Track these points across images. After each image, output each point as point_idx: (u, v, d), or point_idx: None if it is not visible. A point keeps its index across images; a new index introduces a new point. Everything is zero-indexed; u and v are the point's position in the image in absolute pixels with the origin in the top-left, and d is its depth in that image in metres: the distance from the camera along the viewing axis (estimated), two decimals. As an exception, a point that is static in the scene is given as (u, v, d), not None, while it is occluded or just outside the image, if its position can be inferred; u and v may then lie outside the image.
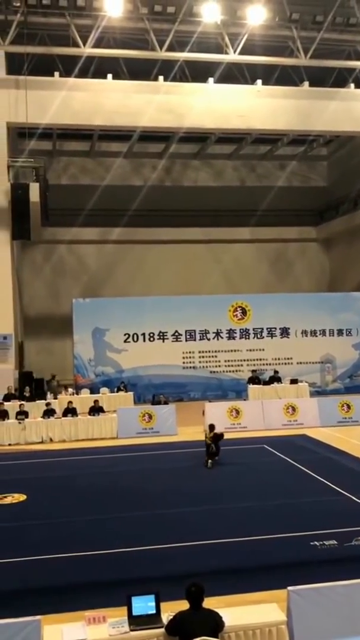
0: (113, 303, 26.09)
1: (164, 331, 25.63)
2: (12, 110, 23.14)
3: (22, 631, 5.58)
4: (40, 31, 23.41)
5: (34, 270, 30.07)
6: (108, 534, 10.02)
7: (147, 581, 7.68)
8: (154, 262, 29.94)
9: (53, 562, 8.86)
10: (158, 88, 24.37)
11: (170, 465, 14.77)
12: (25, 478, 13.93)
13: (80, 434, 18.43)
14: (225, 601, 6.80)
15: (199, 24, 22.81)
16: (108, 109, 23.90)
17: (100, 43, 23.44)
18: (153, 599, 5.96)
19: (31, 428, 18.24)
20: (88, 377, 25.03)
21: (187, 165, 32.15)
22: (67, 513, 11.26)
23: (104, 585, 8.00)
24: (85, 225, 28.78)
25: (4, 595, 7.78)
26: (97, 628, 5.85)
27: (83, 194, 28.99)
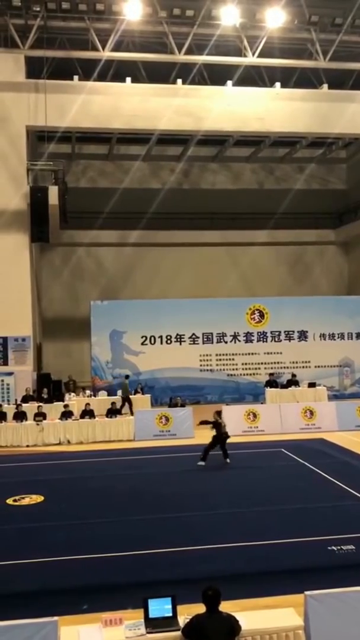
0: (130, 305, 26.16)
1: (181, 334, 25.65)
2: (31, 113, 23.32)
3: (39, 632, 5.60)
4: (60, 35, 23.58)
5: (52, 273, 30.24)
6: (124, 536, 10.03)
7: (162, 584, 7.68)
8: (171, 265, 29.96)
9: (70, 564, 8.90)
10: (176, 91, 24.41)
11: (187, 468, 14.75)
12: (43, 479, 14.01)
13: (98, 435, 18.50)
14: (241, 605, 6.77)
15: (218, 27, 22.81)
16: (127, 112, 23.99)
17: (119, 47, 23.55)
18: (169, 602, 5.95)
19: (49, 430, 18.34)
20: (105, 379, 25.11)
21: (205, 168, 32.14)
22: (84, 515, 11.29)
23: (121, 587, 8.01)
24: (103, 228, 28.89)
25: (22, 596, 7.82)
26: (114, 630, 5.85)
27: (101, 197, 29.10)
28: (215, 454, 14.97)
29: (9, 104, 23.55)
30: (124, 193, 29.65)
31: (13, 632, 5.57)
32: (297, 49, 24.61)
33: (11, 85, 23.37)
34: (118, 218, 28.64)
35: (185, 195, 31.10)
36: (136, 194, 29.88)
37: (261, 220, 30.11)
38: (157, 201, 29.34)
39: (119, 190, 29.75)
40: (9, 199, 23.63)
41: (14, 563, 8.93)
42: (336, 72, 25.36)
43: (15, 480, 14.04)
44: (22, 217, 23.68)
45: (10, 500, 12.19)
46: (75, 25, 22.98)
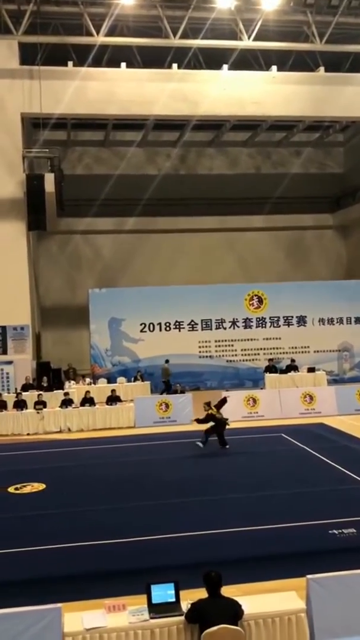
0: (129, 293, 26.12)
1: (180, 320, 25.64)
2: (26, 100, 23.15)
3: (43, 619, 5.63)
4: (54, 20, 23.35)
5: (50, 261, 30.15)
6: (126, 522, 10.07)
7: (164, 570, 7.73)
8: (169, 252, 29.89)
9: (73, 551, 8.94)
10: (172, 76, 24.22)
11: (187, 454, 14.79)
12: (44, 467, 14.04)
13: (98, 423, 18.55)
14: (243, 589, 6.81)
15: (213, 10, 22.60)
16: (122, 98, 23.82)
17: (113, 31, 23.34)
18: (172, 587, 5.97)
19: (49, 418, 18.38)
20: (105, 367, 25.13)
21: (201, 153, 31.96)
22: (86, 502, 11.34)
23: (123, 573, 8.06)
24: (100, 215, 28.78)
25: (25, 583, 7.87)
26: (117, 616, 5.88)
27: (98, 184, 28.95)
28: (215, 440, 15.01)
29: (3, 91, 23.37)
30: (121, 179, 29.51)
31: (16, 619, 5.61)
32: (293, 31, 24.40)
33: (5, 72, 23.18)
34: (115, 205, 28.54)
35: (182, 181, 30.96)
36: (133, 180, 29.74)
37: (259, 205, 30.02)
38: (154, 187, 29.21)
39: (115, 176, 29.62)
40: (4, 187, 23.52)
41: (17, 551, 8.97)
42: (333, 55, 25.18)
43: (16, 468, 14.09)
44: (18, 206, 23.57)
45: (12, 489, 12.24)
46: (68, 10, 22.76)
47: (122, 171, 30.25)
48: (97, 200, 28.33)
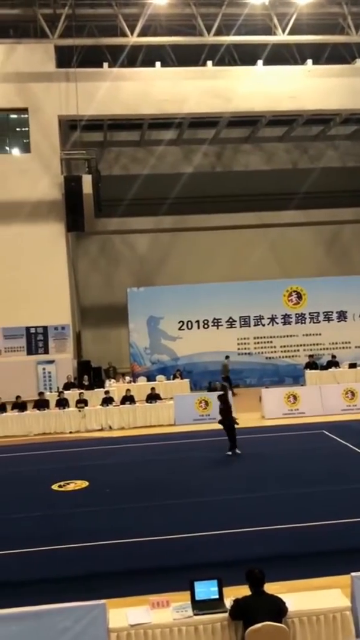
0: (167, 291, 26.21)
1: (218, 318, 25.61)
2: (63, 103, 23.43)
3: (88, 614, 5.71)
4: (88, 23, 23.56)
5: (88, 261, 30.45)
6: (169, 519, 10.14)
7: (207, 566, 7.75)
8: (206, 249, 29.85)
9: (116, 547, 9.04)
10: (206, 73, 24.21)
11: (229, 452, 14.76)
12: (86, 465, 14.22)
13: (139, 421, 18.67)
14: (287, 586, 6.80)
15: (246, 6, 22.48)
16: (157, 97, 23.90)
17: (147, 31, 23.43)
18: (216, 584, 6.00)
19: (91, 416, 18.60)
20: (144, 365, 25.29)
21: (237, 150, 31.80)
22: (129, 499, 11.45)
23: (166, 570, 8.12)
24: (137, 214, 28.91)
25: (70, 580, 8.00)
26: (161, 612, 5.93)
27: (134, 184, 29.09)
28: (260, 438, 14.93)
29: (41, 94, 23.69)
30: (157, 179, 29.60)
31: (63, 614, 5.70)
32: (328, 24, 24.10)
33: (42, 75, 23.49)
34: (151, 204, 28.63)
35: (219, 178, 30.87)
36: (169, 178, 29.77)
37: (297, 200, 29.73)
38: (190, 185, 29.20)
39: (151, 176, 29.72)
40: (44, 189, 23.85)
41: (62, 548, 9.11)
42: (369, 46, 24.79)
43: (59, 466, 14.30)
44: (57, 207, 23.88)
45: (56, 486, 12.43)
46: (103, 12, 22.95)
47: (158, 170, 30.35)
48: (133, 200, 28.47)
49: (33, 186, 23.73)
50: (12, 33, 24.27)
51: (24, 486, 12.78)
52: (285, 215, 29.97)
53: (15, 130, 25.30)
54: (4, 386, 20.64)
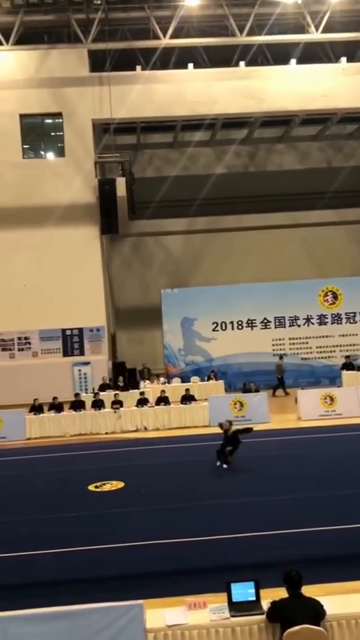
0: (200, 292, 26.21)
1: (253, 319, 25.51)
2: (96, 107, 23.66)
3: (125, 614, 5.74)
4: (121, 26, 23.75)
5: (122, 263, 30.64)
6: (205, 520, 10.13)
7: (243, 568, 7.72)
8: (240, 250, 29.75)
9: (153, 548, 9.07)
10: (239, 73, 24.16)
11: (264, 453, 14.70)
12: (122, 466, 14.30)
13: (173, 422, 18.69)
14: (325, 589, 6.71)
15: (278, 5, 22.37)
16: (190, 99, 23.95)
17: (179, 33, 23.49)
18: (253, 586, 5.98)
19: (126, 417, 18.69)
20: (178, 367, 25.32)
21: (271, 150, 31.64)
22: (164, 500, 11.46)
23: (203, 571, 8.11)
24: (170, 216, 28.97)
25: (108, 580, 8.05)
26: (198, 613, 5.93)
27: (168, 185, 29.17)
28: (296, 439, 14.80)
29: (75, 98, 23.96)
30: (190, 180, 29.63)
31: (101, 614, 5.74)
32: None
33: (76, 80, 23.76)
34: (185, 205, 28.66)
35: (252, 178, 30.76)
36: (202, 180, 29.78)
37: (331, 199, 29.43)
38: (224, 186, 29.16)
39: (184, 177, 29.76)
40: (78, 193, 24.10)
41: (99, 548, 9.18)
42: None
43: (95, 466, 14.41)
44: (91, 210, 24.10)
45: (92, 487, 12.52)
46: (135, 15, 23.10)
47: (191, 171, 30.39)
48: (167, 201, 28.55)
49: (68, 190, 24.00)
50: (46, 39, 24.59)
51: (61, 486, 12.91)
52: (319, 215, 29.69)
53: (50, 135, 25.62)
54: (41, 387, 20.93)
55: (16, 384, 22.67)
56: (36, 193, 24.11)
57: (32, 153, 25.42)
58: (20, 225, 24.04)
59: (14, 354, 24.44)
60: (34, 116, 24.77)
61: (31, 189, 24.13)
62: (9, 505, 11.71)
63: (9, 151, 24.30)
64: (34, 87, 23.96)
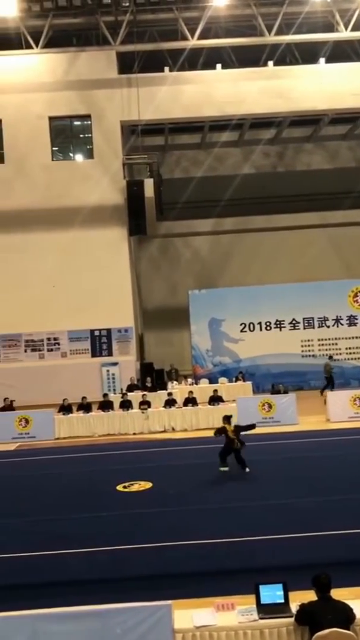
0: (228, 293, 26.15)
1: (281, 320, 25.37)
2: (125, 108, 23.78)
3: (154, 615, 5.73)
4: (149, 28, 23.85)
5: (150, 264, 30.73)
6: (233, 522, 10.09)
7: (272, 570, 7.66)
8: (268, 250, 29.62)
9: (181, 549, 9.06)
10: (267, 73, 24.08)
11: (291, 455, 14.60)
12: (150, 466, 14.31)
13: (201, 423, 18.66)
14: (355, 593, 6.63)
15: (307, 4, 22.24)
16: (218, 99, 23.94)
17: (207, 34, 23.48)
18: (281, 588, 5.93)
19: (154, 417, 18.72)
20: (206, 367, 25.29)
21: (300, 149, 31.46)
22: (192, 501, 11.45)
23: (231, 572, 8.07)
24: (198, 216, 28.99)
25: (136, 580, 8.06)
26: (226, 615, 5.90)
27: (196, 186, 29.18)
28: (327, 441, 14.69)
29: (103, 100, 24.13)
30: (218, 180, 29.61)
31: (129, 614, 5.74)
32: (393, 17, 23.53)
33: (104, 82, 23.93)
34: (213, 206, 28.64)
35: (281, 178, 30.62)
36: (230, 180, 29.73)
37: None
38: (252, 186, 29.06)
39: (212, 178, 29.74)
40: (107, 194, 24.25)
41: (127, 548, 9.20)
42: None
43: (124, 467, 14.45)
44: (119, 212, 24.22)
45: (121, 487, 12.57)
46: (164, 17, 23.18)
47: (219, 172, 30.36)
48: (194, 202, 28.56)
49: (96, 191, 24.17)
50: (75, 42, 24.82)
51: (90, 486, 12.98)
52: (348, 214, 29.43)
53: (78, 137, 25.85)
54: (70, 388, 21.09)
55: (45, 384, 22.89)
56: (65, 195, 24.32)
57: (61, 155, 25.66)
58: (49, 226, 24.28)
59: (43, 354, 24.69)
60: (63, 118, 25.03)
61: (60, 190, 24.36)
62: (39, 504, 11.81)
63: (39, 153, 24.56)
64: (63, 90, 24.20)
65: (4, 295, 23.94)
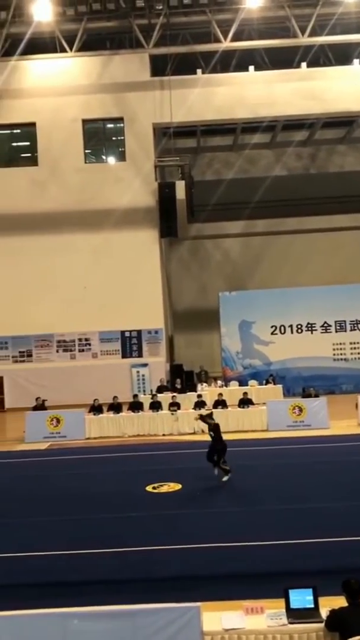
0: (259, 295, 26.05)
1: (312, 322, 25.18)
2: (157, 111, 23.89)
3: (183, 616, 5.74)
4: (182, 31, 23.93)
5: (181, 266, 30.79)
6: (262, 525, 10.05)
7: (302, 574, 7.62)
8: (300, 252, 29.44)
9: (210, 551, 9.06)
10: (300, 75, 23.95)
11: (322, 459, 14.49)
12: (179, 468, 14.33)
13: (231, 425, 18.58)
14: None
15: (341, 5, 22.06)
16: (251, 101, 23.90)
17: (240, 36, 23.46)
18: (311, 593, 5.90)
19: (183, 419, 18.73)
20: (236, 370, 25.23)
21: (332, 151, 31.19)
22: (221, 503, 11.46)
23: (260, 575, 8.05)
24: (229, 218, 28.91)
25: (164, 581, 8.09)
26: (255, 618, 5.88)
27: (227, 188, 29.12)
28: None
29: (136, 103, 24.27)
30: (250, 182, 29.50)
31: (158, 615, 5.76)
32: None
33: (137, 84, 24.07)
34: (244, 208, 28.55)
35: (313, 180, 30.39)
36: (262, 182, 29.59)
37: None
38: (284, 188, 28.90)
39: (244, 180, 29.66)
40: (139, 196, 24.38)
41: (156, 548, 9.23)
42: None
43: (153, 468, 14.50)
44: (151, 214, 24.32)
45: (150, 487, 12.62)
46: (196, 19, 23.25)
47: (251, 174, 30.27)
48: (226, 204, 28.49)
49: (128, 193, 24.32)
50: (108, 45, 25.02)
51: (120, 486, 13.04)
52: (383, 217, 29.06)
53: (111, 140, 26.04)
54: (100, 388, 21.24)
55: (76, 385, 23.11)
56: (97, 197, 24.52)
57: (93, 158, 25.89)
58: (81, 228, 24.51)
59: (74, 354, 24.93)
60: (96, 121, 25.24)
61: (92, 193, 24.57)
62: (69, 504, 11.91)
63: (72, 156, 24.82)
64: (97, 93, 24.41)
65: (37, 296, 24.24)
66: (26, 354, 25.11)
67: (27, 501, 12.22)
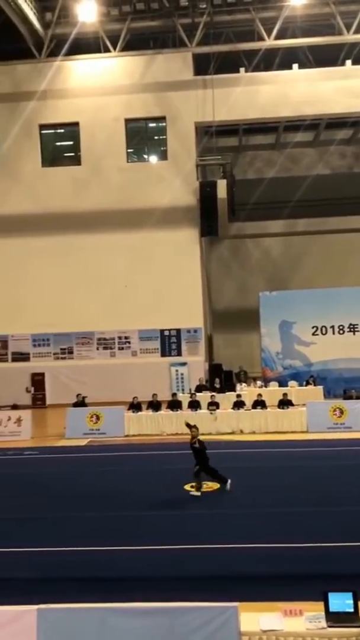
0: (300, 295, 25.78)
1: (355, 323, 24.81)
2: (199, 110, 23.89)
3: (220, 615, 5.74)
4: (225, 29, 23.87)
5: (221, 265, 30.68)
6: (302, 526, 9.97)
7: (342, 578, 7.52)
8: (342, 252, 29.02)
9: (250, 551, 9.01)
10: (345, 73, 23.65)
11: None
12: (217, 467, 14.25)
13: (270, 426, 18.52)
14: None
15: (389, 0, 21.71)
16: (295, 100, 23.70)
17: (284, 34, 23.29)
18: (351, 597, 5.82)
19: (222, 419, 18.69)
20: (276, 370, 25.04)
21: (377, 150, 30.70)
22: (259, 504, 11.38)
23: (299, 577, 7.97)
24: (270, 217, 28.66)
25: (205, 579, 8.06)
26: (294, 620, 5.84)
27: (269, 187, 28.87)
28: None
29: (179, 102, 24.31)
30: (292, 181, 29.18)
31: (197, 613, 5.78)
32: None
33: (180, 84, 24.11)
34: (286, 207, 28.27)
35: (357, 178, 29.91)
36: (304, 181, 29.27)
37: None
38: (326, 187, 28.51)
39: (286, 179, 29.38)
40: (180, 195, 24.42)
41: (194, 547, 9.24)
42: None
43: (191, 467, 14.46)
44: (192, 213, 24.34)
45: (188, 486, 12.62)
46: (240, 17, 23.18)
47: (294, 172, 29.97)
48: (267, 203, 28.25)
49: (169, 192, 24.38)
50: (152, 44, 25.11)
51: (158, 484, 13.09)
52: None
53: (153, 139, 26.15)
54: (139, 386, 21.36)
55: (116, 382, 23.30)
56: (138, 196, 24.65)
57: (135, 157, 26.04)
58: (122, 227, 24.67)
59: (114, 352, 25.13)
60: (139, 120, 25.37)
61: (134, 192, 24.71)
62: (108, 500, 12.01)
63: (114, 155, 25.01)
64: (139, 92, 24.54)
65: (78, 295, 24.51)
66: (67, 351, 25.43)
67: (66, 497, 12.35)
